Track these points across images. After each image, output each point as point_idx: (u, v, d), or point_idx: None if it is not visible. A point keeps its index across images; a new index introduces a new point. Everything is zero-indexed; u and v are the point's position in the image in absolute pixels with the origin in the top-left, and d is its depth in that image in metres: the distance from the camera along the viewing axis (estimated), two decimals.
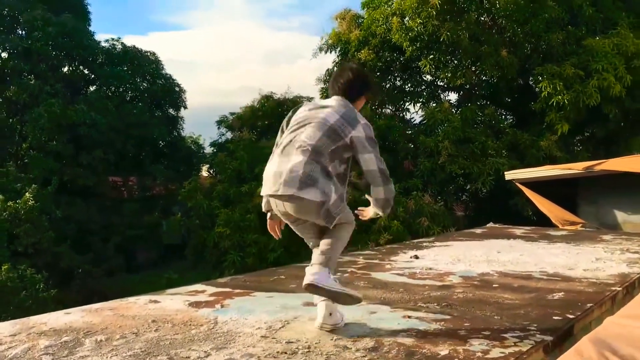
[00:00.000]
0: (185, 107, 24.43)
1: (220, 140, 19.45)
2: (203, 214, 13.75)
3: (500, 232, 7.65)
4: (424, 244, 6.68)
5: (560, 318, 3.17)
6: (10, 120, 20.07)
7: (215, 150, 19.58)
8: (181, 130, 24.94)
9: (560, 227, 8.49)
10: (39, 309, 10.57)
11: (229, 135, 19.24)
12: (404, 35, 14.49)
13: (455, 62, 15.59)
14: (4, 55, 20.69)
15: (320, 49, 17.05)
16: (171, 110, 24.33)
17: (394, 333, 2.89)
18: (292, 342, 2.73)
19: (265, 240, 11.74)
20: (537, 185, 8.75)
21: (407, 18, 14.83)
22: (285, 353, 2.57)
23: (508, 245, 6.36)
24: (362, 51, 15.60)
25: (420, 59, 15.21)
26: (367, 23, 15.98)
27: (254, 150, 14.22)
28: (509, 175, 8.67)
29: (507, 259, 5.31)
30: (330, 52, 17.07)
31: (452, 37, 13.99)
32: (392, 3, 15.51)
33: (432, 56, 15.17)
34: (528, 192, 8.40)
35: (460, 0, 14.83)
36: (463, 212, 17.29)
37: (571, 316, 3.21)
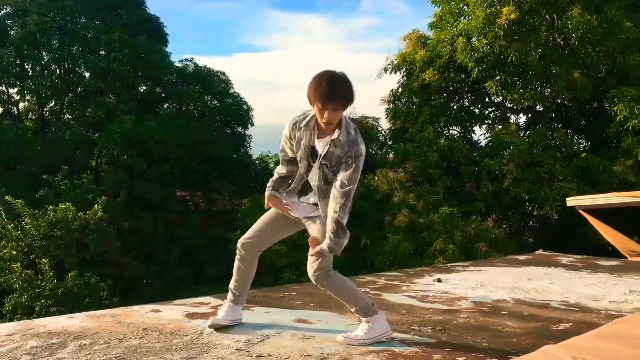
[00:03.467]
0: (252, 125, 24.96)
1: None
2: None
3: (545, 259, 7.22)
4: (457, 267, 6.41)
5: None
6: (93, 137, 21.12)
7: None
8: (248, 148, 25.48)
9: (629, 258, 7.95)
10: None
11: None
12: (469, 56, 14.21)
13: (524, 83, 15.13)
14: (87, 75, 21.97)
15: (385, 69, 17.01)
16: (239, 128, 24.91)
17: (367, 353, 2.87)
18: (262, 356, 2.77)
19: None
20: (604, 212, 8.24)
21: (473, 39, 14.57)
22: None
23: (544, 273, 5.99)
24: (427, 72, 15.44)
25: (486, 80, 14.86)
26: (433, 44, 15.81)
27: None
28: (571, 201, 8.18)
29: (533, 287, 5.03)
30: (396, 72, 17.02)
31: (521, 57, 13.60)
32: (459, 24, 15.29)
33: (498, 77, 14.79)
34: (592, 220, 7.91)
35: (530, 20, 14.44)
36: (533, 238, 16.63)
37: None
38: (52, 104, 22.43)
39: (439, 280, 5.24)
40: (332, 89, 2.78)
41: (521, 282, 5.32)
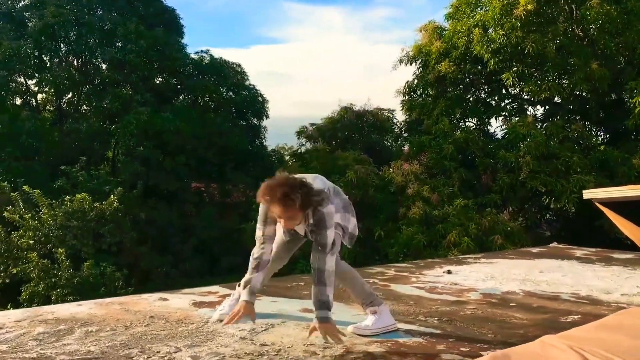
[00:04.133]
0: (267, 117, 24.95)
1: (299, 151, 19.78)
2: None
3: (559, 252, 7.13)
4: (468, 259, 6.35)
5: None
6: (109, 128, 21.28)
7: (293, 160, 19.90)
8: (263, 140, 25.49)
9: None
10: None
11: (308, 145, 19.55)
12: (485, 47, 14.06)
13: (541, 74, 14.94)
14: (104, 66, 22.11)
15: (401, 61, 16.92)
16: (254, 120, 24.93)
17: (369, 343, 2.86)
18: (266, 345, 2.77)
19: None
20: (622, 205, 8.08)
21: (489, 29, 14.40)
22: (252, 354, 2.61)
23: (557, 265, 5.91)
24: (443, 63, 15.31)
25: (503, 71, 14.69)
26: (449, 35, 15.66)
27: (328, 160, 14.25)
28: (588, 194, 8.01)
29: (544, 279, 4.97)
30: (411, 64, 16.91)
31: (538, 48, 13.42)
32: (475, 14, 15.13)
33: (515, 69, 14.61)
34: (609, 213, 7.76)
35: (548, 11, 14.24)
36: (550, 231, 16.46)
37: None
38: (69, 96, 22.60)
39: (449, 272, 5.20)
40: (286, 202, 2.69)
41: (532, 274, 5.26)
